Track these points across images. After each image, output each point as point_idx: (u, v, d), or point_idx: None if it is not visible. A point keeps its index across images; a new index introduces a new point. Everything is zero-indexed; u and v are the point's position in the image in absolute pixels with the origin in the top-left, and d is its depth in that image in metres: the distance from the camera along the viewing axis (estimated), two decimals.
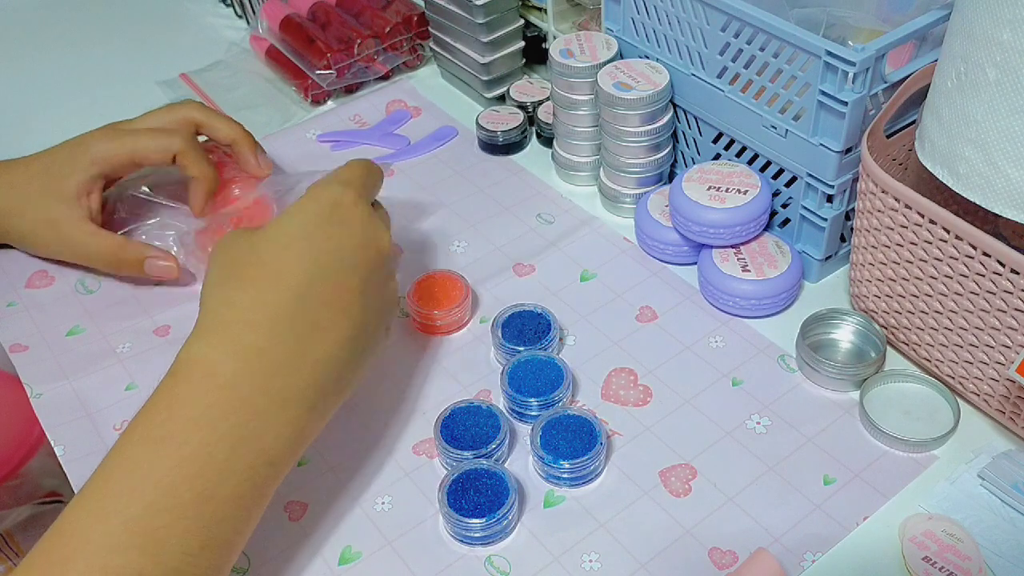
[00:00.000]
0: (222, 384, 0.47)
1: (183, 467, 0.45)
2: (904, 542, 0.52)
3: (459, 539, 0.54)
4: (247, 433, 0.47)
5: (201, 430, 0.46)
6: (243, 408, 0.47)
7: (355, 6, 0.95)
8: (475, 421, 0.58)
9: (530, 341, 0.63)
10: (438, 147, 0.84)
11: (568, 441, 0.56)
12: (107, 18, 1.09)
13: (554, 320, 0.64)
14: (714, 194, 0.65)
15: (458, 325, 0.67)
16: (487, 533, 0.53)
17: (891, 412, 0.59)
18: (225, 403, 0.47)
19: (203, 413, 0.46)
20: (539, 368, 0.60)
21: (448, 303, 0.66)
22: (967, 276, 0.53)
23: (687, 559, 0.52)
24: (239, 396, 0.47)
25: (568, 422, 0.57)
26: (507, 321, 0.64)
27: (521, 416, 0.60)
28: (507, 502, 0.53)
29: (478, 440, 0.57)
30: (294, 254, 0.51)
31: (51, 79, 1.00)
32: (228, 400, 0.47)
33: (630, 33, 0.73)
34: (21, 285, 0.73)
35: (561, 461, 0.55)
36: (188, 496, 0.44)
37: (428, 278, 0.68)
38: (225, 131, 0.72)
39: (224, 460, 0.46)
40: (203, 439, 0.45)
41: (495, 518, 0.52)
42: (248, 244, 0.52)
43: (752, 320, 0.66)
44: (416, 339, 0.67)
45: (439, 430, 0.57)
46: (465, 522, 0.53)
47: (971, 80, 0.49)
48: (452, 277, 0.68)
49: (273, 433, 0.48)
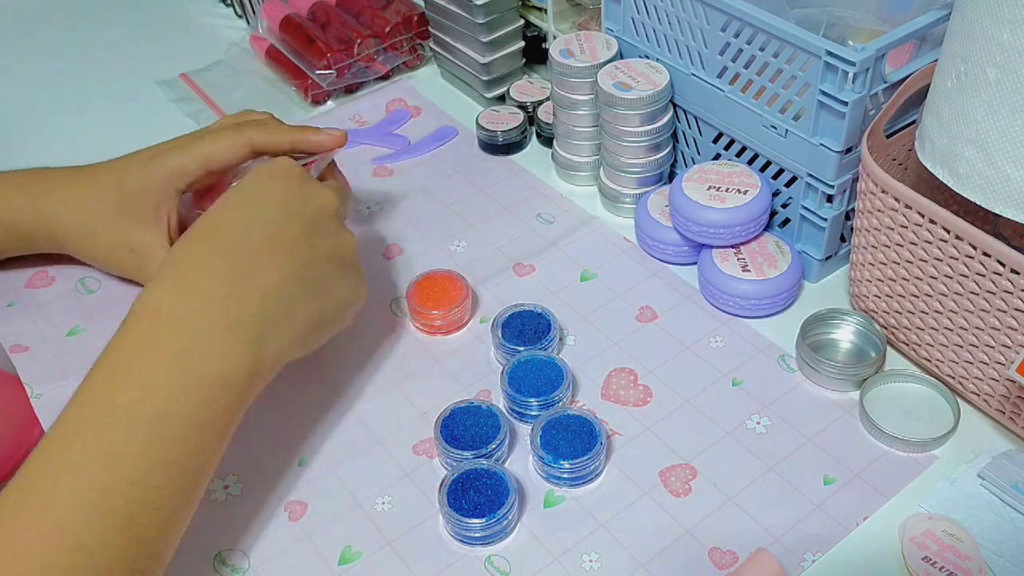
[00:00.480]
0: (164, 315, 0.50)
1: (137, 390, 0.47)
2: (904, 542, 0.52)
3: (459, 539, 0.54)
4: (194, 355, 0.49)
5: (148, 354, 0.49)
6: (185, 332, 0.49)
7: (355, 6, 0.95)
8: (475, 421, 0.58)
9: (530, 341, 0.63)
10: (438, 147, 0.84)
11: (568, 441, 0.56)
12: (107, 18, 1.09)
13: (554, 320, 0.64)
14: (714, 194, 0.65)
15: (458, 325, 0.67)
16: (487, 533, 0.53)
17: (891, 412, 0.59)
18: (167, 331, 0.49)
19: (147, 340, 0.49)
20: (539, 368, 0.61)
21: (448, 303, 0.66)
22: (967, 276, 0.53)
23: (687, 559, 0.52)
24: (180, 322, 0.50)
25: (568, 422, 0.57)
26: (507, 321, 0.64)
27: (521, 416, 0.60)
28: (507, 502, 0.53)
29: (478, 440, 0.57)
30: (232, 206, 0.55)
31: (51, 79, 1.00)
32: (169, 327, 0.50)
33: (630, 33, 0.73)
34: (21, 285, 0.73)
35: (561, 461, 0.55)
36: (144, 411, 0.47)
37: (428, 278, 0.68)
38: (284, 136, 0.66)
39: (176, 378, 0.48)
40: (152, 362, 0.48)
41: (495, 518, 0.52)
42: (204, 216, 0.56)
43: (752, 320, 0.66)
44: (416, 339, 0.67)
45: (439, 430, 0.57)
46: (465, 522, 0.53)
47: (971, 80, 0.49)
48: (452, 277, 0.68)
49: (220, 354, 0.50)
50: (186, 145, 0.65)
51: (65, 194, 0.67)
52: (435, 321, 0.66)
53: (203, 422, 0.49)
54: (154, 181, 0.64)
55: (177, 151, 0.65)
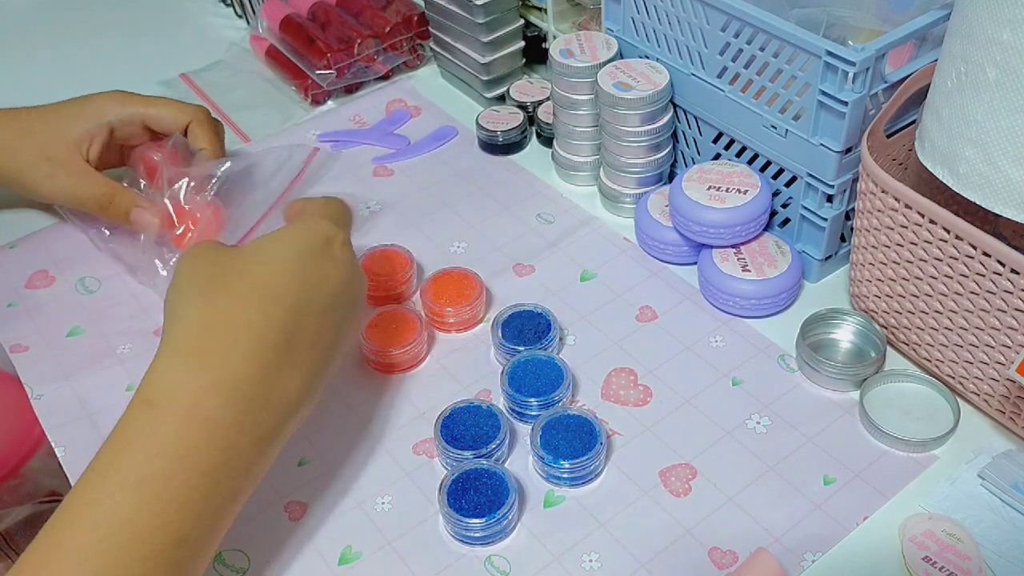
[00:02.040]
0: (204, 421, 0.45)
1: (162, 514, 0.43)
2: (904, 542, 0.52)
3: (459, 539, 0.54)
4: (226, 473, 0.45)
5: (182, 472, 0.44)
6: (226, 449, 0.45)
7: (355, 6, 0.95)
8: (475, 421, 0.58)
9: (530, 341, 0.63)
10: (438, 147, 0.84)
11: (568, 441, 0.56)
12: (107, 18, 1.09)
13: (554, 320, 0.64)
14: (714, 194, 0.65)
15: (472, 322, 0.67)
16: (487, 533, 0.53)
17: (891, 412, 0.59)
18: (207, 443, 0.45)
19: (186, 454, 0.44)
20: (539, 368, 0.60)
21: (462, 300, 0.66)
22: (967, 276, 0.53)
23: (687, 559, 0.52)
24: (222, 435, 0.45)
25: (568, 422, 0.57)
26: (507, 321, 0.64)
27: (521, 416, 0.60)
28: (507, 502, 0.53)
29: (478, 440, 0.57)
30: (287, 278, 0.49)
31: (51, 78, 0.99)
32: (210, 440, 0.45)
33: (630, 33, 0.73)
34: (21, 285, 0.73)
35: (561, 461, 0.55)
36: (162, 540, 0.43)
37: (443, 275, 0.68)
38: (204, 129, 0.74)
39: (201, 500, 0.44)
40: (184, 481, 0.44)
41: (495, 518, 0.52)
42: (228, 259, 0.50)
43: (752, 320, 0.66)
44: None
45: (439, 430, 0.57)
46: (465, 522, 0.53)
47: (971, 80, 0.49)
48: (467, 275, 0.67)
49: (245, 469, 0.47)
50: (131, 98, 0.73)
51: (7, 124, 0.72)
52: (447, 319, 0.66)
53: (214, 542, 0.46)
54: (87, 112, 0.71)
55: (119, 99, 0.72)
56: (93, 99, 0.73)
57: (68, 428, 0.62)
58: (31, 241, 0.77)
